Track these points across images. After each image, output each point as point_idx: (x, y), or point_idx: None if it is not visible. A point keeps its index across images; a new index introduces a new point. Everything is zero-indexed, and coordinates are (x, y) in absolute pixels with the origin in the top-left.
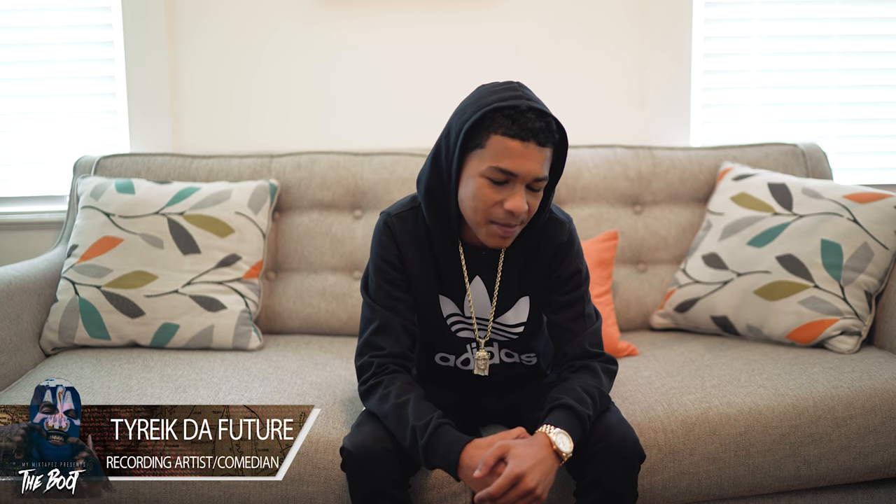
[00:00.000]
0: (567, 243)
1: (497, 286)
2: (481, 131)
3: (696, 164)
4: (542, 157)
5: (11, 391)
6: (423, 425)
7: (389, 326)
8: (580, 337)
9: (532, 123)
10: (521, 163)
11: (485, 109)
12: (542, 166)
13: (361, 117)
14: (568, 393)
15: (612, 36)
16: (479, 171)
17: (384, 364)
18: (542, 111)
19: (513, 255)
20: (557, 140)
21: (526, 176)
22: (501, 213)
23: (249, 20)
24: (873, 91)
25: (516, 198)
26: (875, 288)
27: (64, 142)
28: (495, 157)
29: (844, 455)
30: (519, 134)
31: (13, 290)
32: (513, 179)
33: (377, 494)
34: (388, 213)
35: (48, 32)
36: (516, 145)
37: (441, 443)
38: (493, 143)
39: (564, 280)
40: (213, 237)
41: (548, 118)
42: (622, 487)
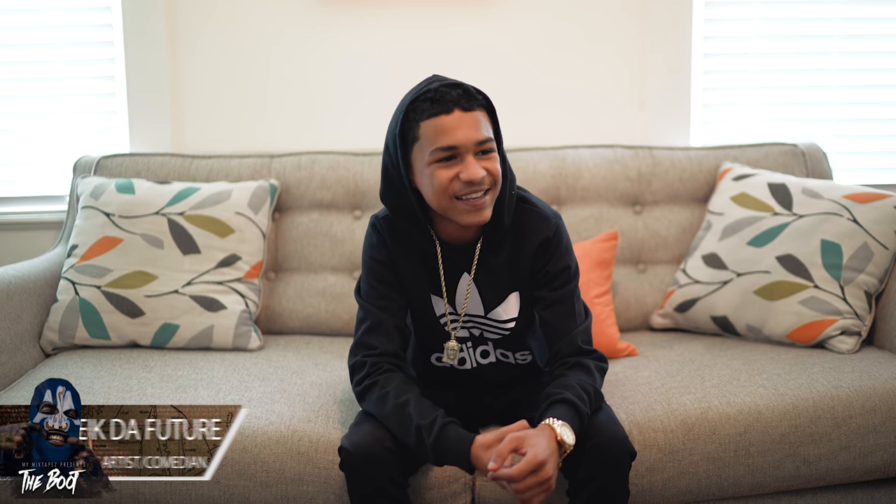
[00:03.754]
0: (554, 238)
1: (473, 274)
2: (411, 126)
3: (696, 164)
4: (474, 120)
5: (11, 391)
6: (429, 424)
7: (381, 326)
8: (572, 334)
9: (448, 94)
10: (456, 133)
11: (405, 106)
12: (477, 129)
13: (361, 117)
14: (567, 389)
15: (612, 36)
16: (425, 160)
17: (378, 363)
18: (456, 82)
19: (494, 245)
20: (483, 102)
21: (467, 143)
22: (461, 185)
23: (250, 20)
24: (873, 91)
25: (469, 167)
26: (875, 288)
27: (64, 142)
28: (431, 140)
29: (844, 455)
30: (441, 109)
31: (13, 290)
32: (457, 152)
33: (376, 493)
34: (376, 217)
35: (48, 32)
36: (443, 120)
37: (450, 438)
38: (424, 129)
39: (553, 276)
40: (213, 237)
41: (463, 85)
42: (614, 485)
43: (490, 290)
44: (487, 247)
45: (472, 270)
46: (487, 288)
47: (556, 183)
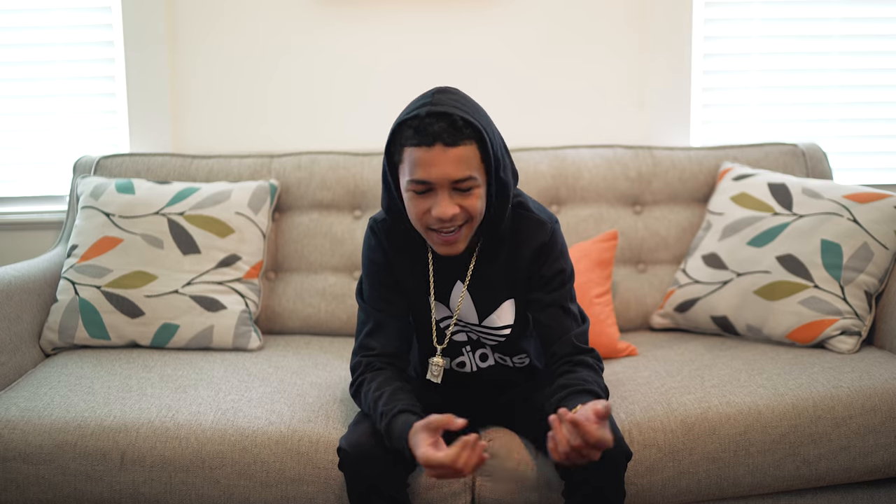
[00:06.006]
0: (549, 243)
1: (466, 286)
2: (397, 147)
3: (696, 164)
4: (455, 156)
5: (11, 391)
6: (388, 411)
7: (382, 327)
8: (568, 335)
9: (432, 127)
10: (432, 169)
11: (395, 126)
12: (456, 167)
13: (362, 117)
14: (586, 382)
15: (612, 36)
16: (404, 185)
17: (371, 363)
18: (444, 112)
19: (489, 254)
20: (471, 134)
21: (441, 181)
22: (433, 220)
23: (250, 20)
24: (873, 91)
25: (441, 204)
26: (875, 288)
27: (64, 142)
28: (409, 169)
29: (844, 455)
30: (423, 141)
31: (13, 290)
32: (432, 187)
33: (373, 492)
34: (374, 219)
35: (48, 32)
36: (422, 153)
37: (398, 424)
38: (406, 156)
39: (548, 279)
40: (213, 237)
41: (452, 117)
42: (609, 486)
43: (484, 298)
44: (483, 257)
45: (467, 280)
46: (481, 296)
47: (556, 183)
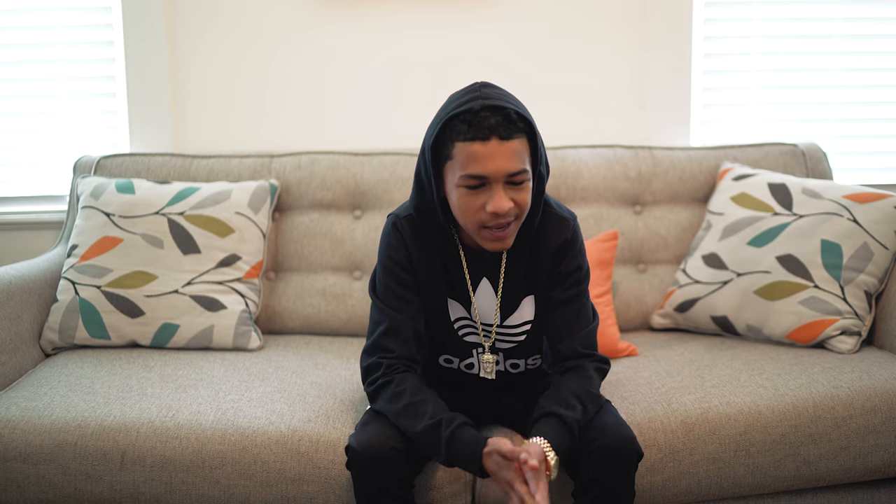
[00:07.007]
0: (571, 240)
1: (501, 286)
2: (446, 142)
3: (696, 164)
4: (510, 150)
5: (11, 391)
6: (449, 418)
7: (398, 329)
8: (573, 337)
9: (487, 121)
10: (488, 163)
11: (443, 120)
12: (511, 161)
13: (361, 117)
14: (554, 400)
15: (612, 36)
16: (455, 181)
17: (394, 365)
18: (498, 106)
19: (517, 252)
20: (524, 128)
21: (497, 175)
22: (487, 216)
23: (250, 21)
24: (873, 91)
25: (496, 199)
26: (875, 288)
27: (64, 142)
28: (463, 164)
29: (844, 455)
30: (477, 135)
31: (13, 290)
32: (487, 181)
33: (382, 493)
34: (396, 216)
35: (48, 32)
36: (478, 147)
37: (466, 435)
38: (458, 151)
39: (565, 276)
40: (213, 237)
41: (506, 111)
42: (620, 486)
43: (508, 297)
44: (512, 254)
45: (500, 279)
46: (506, 294)
47: (557, 183)
